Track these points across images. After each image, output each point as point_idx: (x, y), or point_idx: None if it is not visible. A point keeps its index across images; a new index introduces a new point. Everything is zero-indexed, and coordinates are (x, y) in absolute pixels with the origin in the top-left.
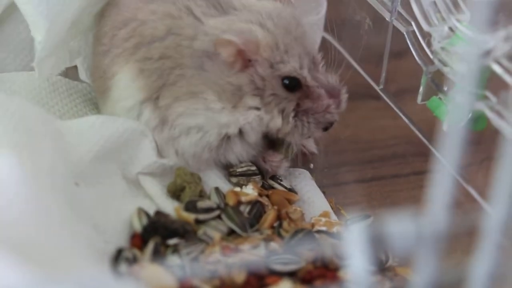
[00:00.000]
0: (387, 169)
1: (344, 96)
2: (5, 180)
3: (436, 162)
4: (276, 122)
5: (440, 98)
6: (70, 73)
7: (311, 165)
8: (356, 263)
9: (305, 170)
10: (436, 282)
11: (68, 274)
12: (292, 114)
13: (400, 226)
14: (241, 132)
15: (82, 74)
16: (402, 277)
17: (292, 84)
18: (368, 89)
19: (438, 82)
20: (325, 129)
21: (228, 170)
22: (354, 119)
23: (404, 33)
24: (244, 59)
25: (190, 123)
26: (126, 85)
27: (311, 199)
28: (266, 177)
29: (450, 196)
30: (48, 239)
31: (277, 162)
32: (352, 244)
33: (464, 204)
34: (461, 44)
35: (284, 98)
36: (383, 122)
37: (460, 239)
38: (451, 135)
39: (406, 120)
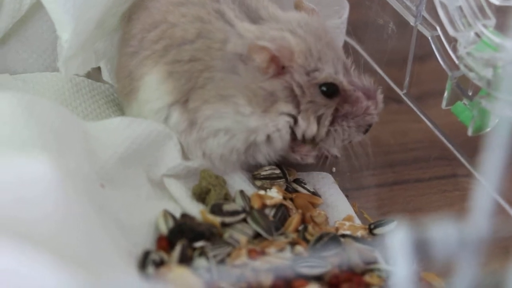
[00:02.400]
0: (409, 173)
1: (380, 97)
2: (38, 182)
3: (478, 169)
4: (312, 129)
5: (464, 104)
6: (93, 74)
7: (334, 169)
8: (399, 268)
9: (328, 174)
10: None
11: (100, 277)
12: (330, 119)
13: (442, 232)
14: (268, 138)
15: (106, 75)
16: (427, 282)
17: (331, 91)
18: (391, 92)
19: (463, 88)
20: (365, 131)
21: (252, 173)
22: (378, 123)
23: (429, 37)
24: (278, 66)
25: (218, 125)
26: (154, 87)
27: (335, 203)
28: (288, 178)
29: (492, 202)
30: (80, 239)
31: (306, 151)
32: (395, 249)
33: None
34: (487, 50)
35: (323, 105)
36: (406, 125)
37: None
38: (494, 144)
39: (430, 124)
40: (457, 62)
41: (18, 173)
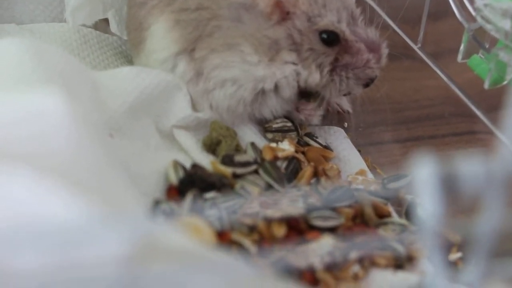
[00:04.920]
0: (423, 130)
1: (384, 51)
2: (50, 115)
3: (496, 124)
4: (314, 78)
5: (481, 57)
6: (100, 26)
7: (345, 124)
8: (426, 204)
9: (340, 128)
10: (502, 226)
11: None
12: (329, 69)
13: (470, 168)
14: (276, 87)
15: (114, 27)
16: (443, 237)
17: (331, 38)
18: (405, 49)
19: (480, 40)
20: (366, 85)
21: (264, 125)
22: (389, 79)
23: None
24: (282, 11)
25: (226, 75)
26: (161, 36)
27: (347, 157)
28: (300, 131)
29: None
30: (92, 176)
31: (310, 111)
32: (421, 185)
33: None
34: (506, 1)
35: (322, 53)
36: (419, 82)
37: None
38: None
39: (445, 79)
40: (474, 14)
41: (30, 107)
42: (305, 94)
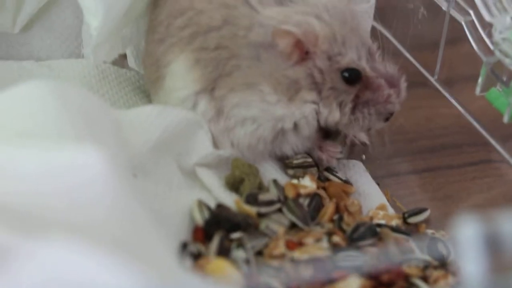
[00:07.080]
0: (438, 160)
1: (403, 85)
2: (87, 168)
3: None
4: (334, 116)
5: (499, 90)
6: (117, 61)
7: (363, 156)
8: (470, 265)
9: (358, 162)
10: None
11: (149, 268)
12: (351, 106)
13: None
14: (296, 126)
15: (132, 62)
16: None
17: (352, 77)
18: (420, 78)
19: (498, 73)
20: (386, 119)
21: (284, 161)
22: (404, 109)
23: (462, 23)
24: (302, 51)
25: (245, 114)
26: (181, 75)
27: (367, 191)
28: (320, 168)
29: None
30: (128, 225)
31: (333, 152)
32: (464, 244)
33: None
34: None
35: (343, 91)
36: (434, 111)
37: None
38: None
39: (460, 109)
40: (491, 47)
41: (61, 161)
42: (328, 134)
